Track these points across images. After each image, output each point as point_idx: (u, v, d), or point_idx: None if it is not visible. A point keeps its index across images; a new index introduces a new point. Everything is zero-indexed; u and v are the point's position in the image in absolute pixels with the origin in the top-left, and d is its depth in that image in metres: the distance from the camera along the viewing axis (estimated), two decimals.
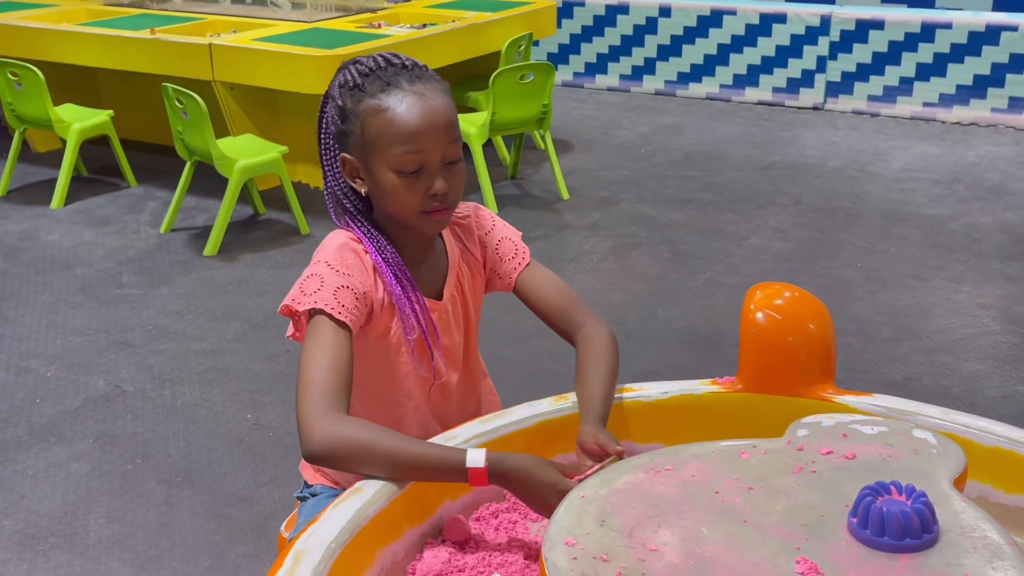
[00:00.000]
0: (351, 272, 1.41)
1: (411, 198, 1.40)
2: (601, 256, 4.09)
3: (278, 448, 2.74)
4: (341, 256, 1.43)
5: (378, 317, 1.45)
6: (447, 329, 1.52)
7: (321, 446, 1.27)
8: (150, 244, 4.25)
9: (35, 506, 2.49)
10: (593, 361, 1.48)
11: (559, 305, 1.56)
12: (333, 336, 1.36)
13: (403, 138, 1.38)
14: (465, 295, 1.55)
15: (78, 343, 3.36)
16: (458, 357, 1.55)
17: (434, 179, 1.40)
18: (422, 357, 1.50)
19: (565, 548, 1.05)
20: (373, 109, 1.39)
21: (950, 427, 1.38)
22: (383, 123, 1.38)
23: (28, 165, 5.26)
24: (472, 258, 1.57)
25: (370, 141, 1.39)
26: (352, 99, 1.40)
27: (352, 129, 1.41)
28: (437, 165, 1.40)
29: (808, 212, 4.56)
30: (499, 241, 1.58)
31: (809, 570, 1.01)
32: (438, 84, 1.42)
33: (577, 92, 7.04)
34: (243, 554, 2.31)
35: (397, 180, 1.40)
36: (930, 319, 3.49)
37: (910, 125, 6.05)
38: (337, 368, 1.33)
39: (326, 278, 1.40)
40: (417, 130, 1.38)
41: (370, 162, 1.41)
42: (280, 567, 1.13)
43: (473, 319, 1.57)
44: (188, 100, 4.00)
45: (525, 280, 1.58)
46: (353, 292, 1.40)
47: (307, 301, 1.38)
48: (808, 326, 1.50)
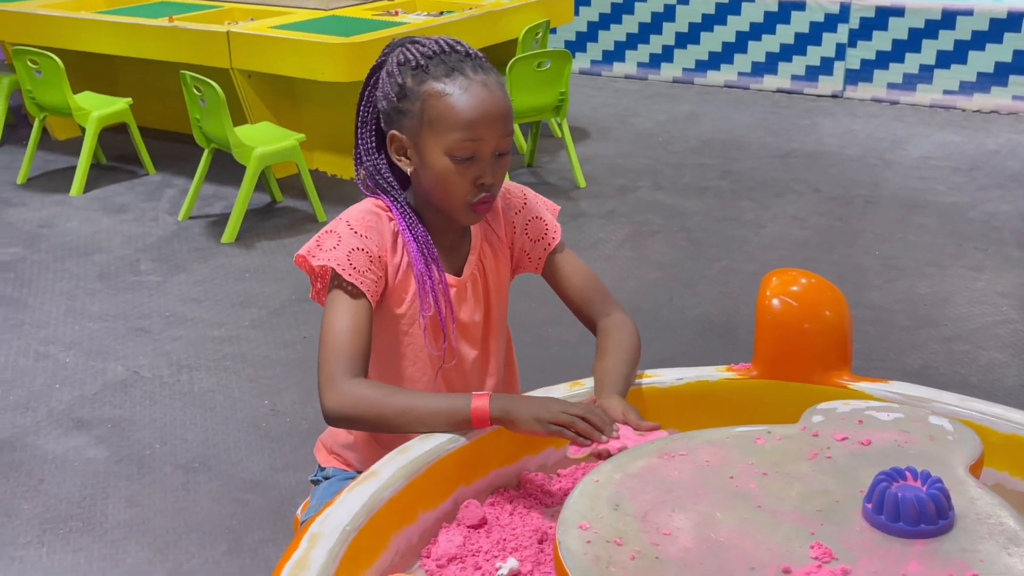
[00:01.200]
0: (368, 235, 1.44)
1: (460, 185, 1.42)
2: (617, 244, 4.08)
3: (295, 434, 2.75)
4: (363, 219, 1.45)
5: (393, 285, 1.47)
6: (465, 306, 1.53)
7: (337, 408, 1.35)
8: (168, 231, 4.27)
9: (54, 490, 2.51)
10: (615, 345, 1.50)
11: (587, 292, 1.58)
12: (353, 302, 1.41)
13: (464, 124, 1.39)
14: (486, 275, 1.56)
15: (96, 329, 3.38)
16: (476, 335, 1.56)
17: (485, 169, 1.42)
18: (435, 336, 1.51)
19: (579, 532, 1.06)
20: (436, 92, 1.40)
21: (967, 414, 1.37)
22: (445, 107, 1.39)
23: (47, 153, 5.29)
24: (496, 238, 1.57)
25: (428, 123, 1.41)
26: (414, 79, 1.41)
27: (409, 108, 1.42)
28: (489, 156, 1.42)
29: (826, 200, 4.54)
30: (529, 221, 1.59)
31: (823, 555, 1.01)
32: (498, 77, 1.45)
33: (595, 80, 7.02)
34: (260, 539, 2.32)
35: (449, 165, 1.41)
36: (948, 307, 3.47)
37: (930, 113, 6.01)
38: (356, 333, 1.39)
39: (343, 237, 1.43)
40: (478, 119, 1.39)
41: (423, 143, 1.42)
42: (295, 550, 1.14)
43: (494, 299, 1.57)
44: (206, 88, 4.01)
45: (554, 263, 1.59)
46: (367, 255, 1.43)
47: (321, 257, 1.42)
48: (824, 313, 1.49)
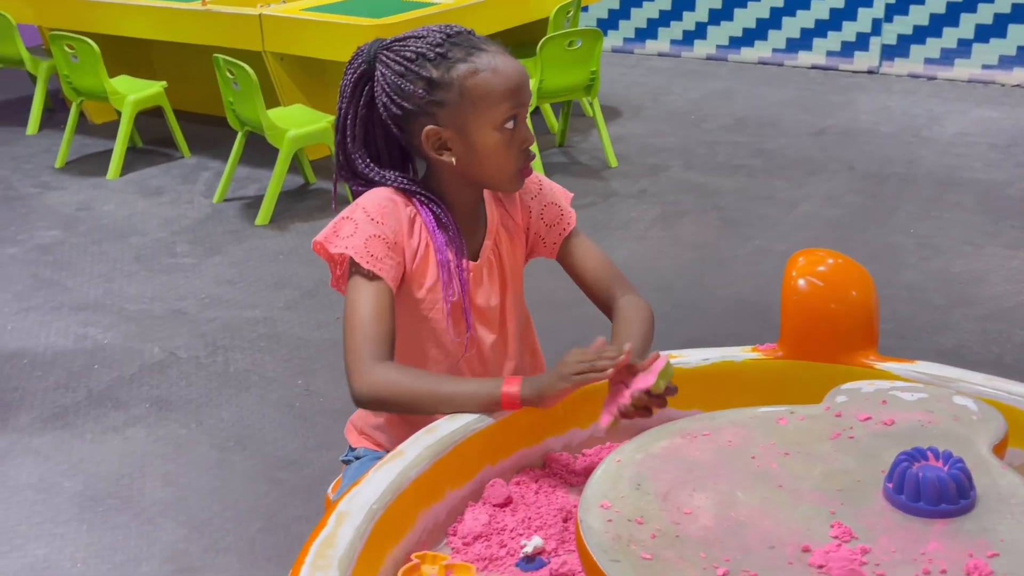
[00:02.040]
0: (384, 221, 1.45)
1: (509, 155, 1.45)
2: (648, 224, 4.08)
3: (328, 413, 2.78)
4: (379, 205, 1.46)
5: (412, 271, 1.48)
6: (481, 290, 1.54)
7: (367, 391, 1.37)
8: (203, 214, 4.32)
9: (93, 469, 2.56)
10: (628, 320, 1.53)
11: (601, 276, 1.60)
12: (374, 288, 1.42)
13: (508, 94, 1.42)
14: (502, 259, 1.57)
15: (134, 311, 3.44)
16: (494, 319, 1.57)
17: (526, 132, 1.46)
18: (456, 322, 1.52)
19: (600, 511, 1.07)
20: (470, 71, 1.41)
21: (994, 394, 1.36)
22: (486, 82, 1.41)
23: (85, 137, 5.36)
24: (512, 222, 1.58)
25: (472, 103, 1.41)
26: (439, 68, 1.41)
27: (447, 98, 1.42)
28: (524, 118, 1.46)
29: (860, 178, 4.50)
30: (544, 207, 1.60)
31: (843, 534, 1.02)
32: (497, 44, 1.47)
33: (627, 58, 6.98)
34: (293, 516, 2.36)
35: (499, 138, 1.43)
36: (983, 286, 3.44)
37: (967, 88, 5.92)
38: (380, 317, 1.40)
39: (360, 224, 1.44)
40: (516, 85, 1.43)
41: (468, 126, 1.43)
42: (323, 528, 1.16)
43: (510, 284, 1.59)
44: (238, 71, 4.05)
45: (569, 248, 1.61)
46: (384, 241, 1.44)
47: (339, 244, 1.43)
48: (850, 293, 1.49)
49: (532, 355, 1.69)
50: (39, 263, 3.85)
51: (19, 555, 2.25)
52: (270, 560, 2.22)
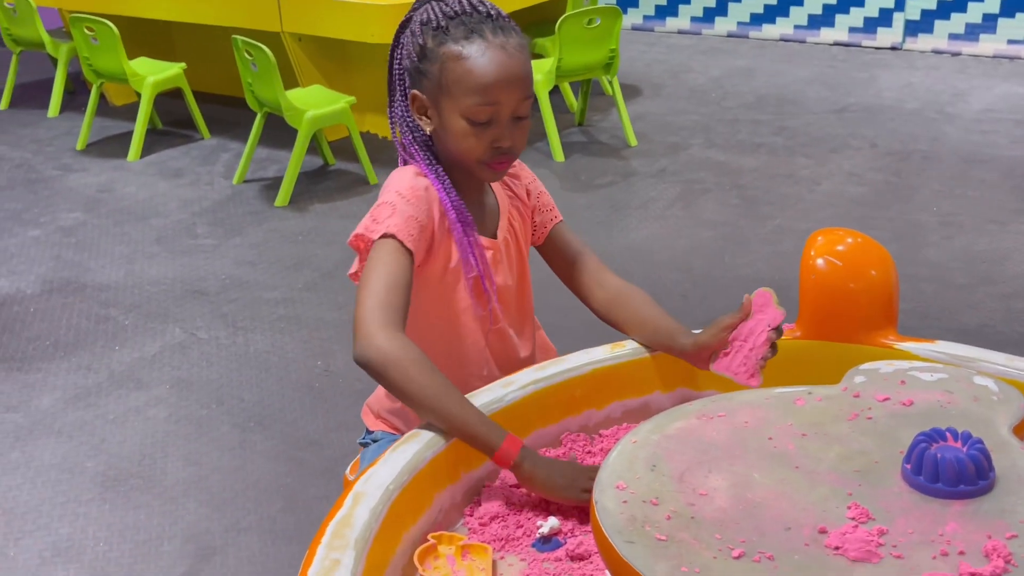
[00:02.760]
0: (419, 203, 1.44)
1: (476, 146, 1.42)
2: (668, 203, 4.06)
3: (348, 394, 2.79)
4: (412, 187, 1.45)
5: (437, 251, 1.48)
6: (500, 269, 1.54)
7: (375, 353, 1.30)
8: (223, 195, 4.34)
9: (115, 449, 2.58)
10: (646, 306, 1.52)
11: (587, 264, 1.60)
12: (395, 256, 1.39)
13: (479, 89, 1.39)
14: (518, 239, 1.57)
15: (154, 292, 3.46)
16: (511, 300, 1.57)
17: (501, 132, 1.42)
18: (479, 298, 1.52)
19: (615, 492, 1.07)
20: (454, 55, 1.39)
21: (1015, 374, 1.35)
22: (462, 71, 1.39)
23: (105, 119, 5.38)
24: (521, 203, 1.59)
25: (446, 85, 1.41)
26: (434, 40, 1.41)
27: (429, 69, 1.42)
28: (506, 119, 1.42)
29: (883, 156, 4.46)
30: (540, 192, 1.63)
31: (860, 515, 1.01)
32: (519, 39, 1.43)
33: (647, 36, 6.93)
34: (313, 496, 2.37)
35: (466, 127, 1.41)
36: (1008, 264, 3.40)
37: (993, 64, 5.84)
38: (397, 286, 1.36)
39: (398, 206, 1.43)
40: (494, 83, 1.39)
41: (441, 104, 1.43)
42: (340, 508, 1.16)
43: (526, 263, 1.59)
44: (257, 52, 4.05)
45: (557, 235, 1.61)
46: (419, 223, 1.43)
47: (381, 228, 1.41)
48: (870, 272, 1.48)
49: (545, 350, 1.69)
50: (61, 245, 3.87)
51: (43, 534, 2.28)
52: (291, 540, 2.23)
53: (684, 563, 0.95)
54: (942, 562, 0.94)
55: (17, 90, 5.82)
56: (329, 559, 1.08)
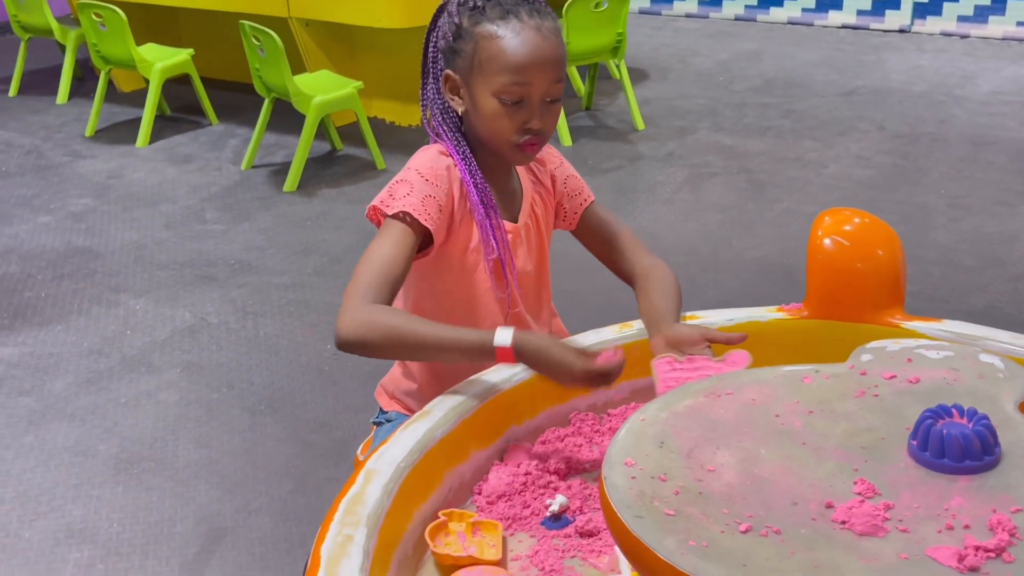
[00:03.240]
0: (438, 183, 1.45)
1: (507, 127, 1.43)
2: (676, 187, 4.06)
3: (356, 377, 2.81)
4: (432, 166, 1.47)
5: (458, 231, 1.49)
6: (519, 254, 1.55)
7: (348, 333, 1.31)
8: (231, 181, 4.35)
9: (127, 432, 2.61)
10: (658, 287, 1.51)
11: (621, 244, 1.59)
12: (399, 236, 1.40)
13: (512, 68, 1.40)
14: (539, 224, 1.58)
15: (164, 277, 3.48)
16: (530, 285, 1.58)
17: (533, 114, 1.43)
18: (499, 280, 1.53)
19: (624, 468, 1.08)
20: (489, 34, 1.41)
21: (1020, 352, 1.36)
22: (496, 50, 1.41)
23: (114, 105, 5.40)
24: (544, 189, 1.60)
25: (479, 64, 1.42)
26: (470, 19, 1.43)
27: (463, 48, 1.44)
28: (538, 101, 1.43)
29: (891, 138, 4.45)
30: (568, 177, 1.62)
31: (866, 490, 1.02)
32: (554, 22, 1.44)
33: (654, 19, 6.92)
34: (324, 477, 2.39)
35: (498, 107, 1.43)
36: (1016, 246, 3.40)
37: (1002, 46, 5.82)
38: (391, 265, 1.38)
39: (415, 185, 1.44)
40: (527, 63, 1.40)
41: (474, 83, 1.44)
42: (352, 485, 1.18)
43: (546, 250, 1.60)
44: (264, 37, 4.05)
45: (590, 216, 1.61)
46: (438, 202, 1.44)
47: (396, 205, 1.43)
48: (876, 252, 1.48)
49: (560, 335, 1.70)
50: (72, 231, 3.89)
51: (57, 516, 2.30)
52: (301, 521, 2.25)
53: (692, 537, 0.96)
54: (947, 536, 0.95)
55: (26, 77, 5.83)
56: (342, 535, 1.09)
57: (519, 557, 1.22)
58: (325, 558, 1.06)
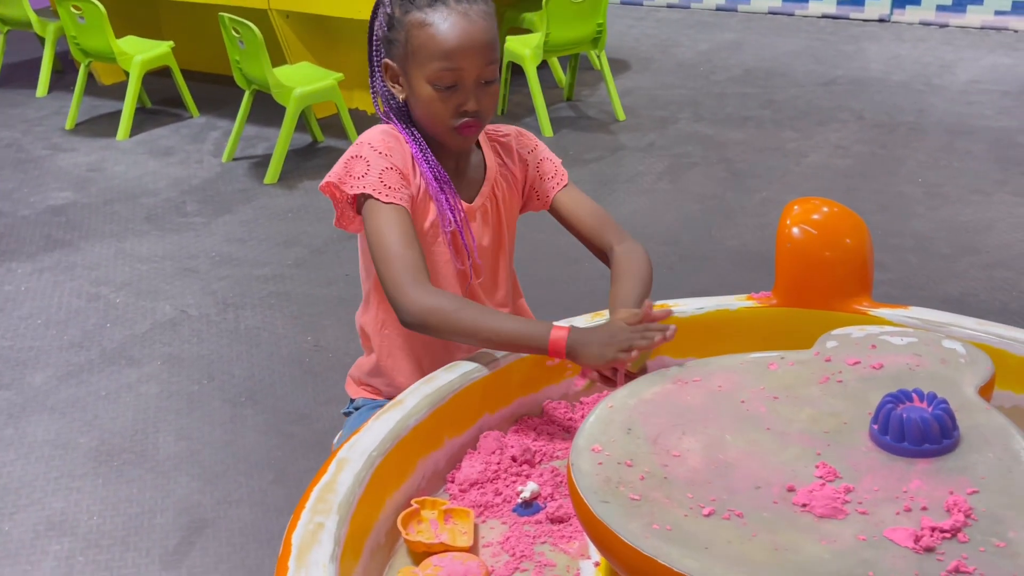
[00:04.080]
0: (392, 153, 1.48)
1: (443, 111, 1.46)
2: (656, 177, 4.08)
3: (337, 368, 2.82)
4: (383, 139, 1.49)
5: (416, 204, 1.51)
6: (475, 229, 1.57)
7: (415, 314, 1.38)
8: (212, 173, 4.35)
9: (108, 425, 2.61)
10: (627, 274, 1.52)
11: (595, 225, 1.60)
12: (394, 213, 1.44)
13: (442, 54, 1.42)
14: (499, 207, 1.60)
15: (145, 270, 3.47)
16: (487, 260, 1.60)
17: (468, 97, 1.45)
18: (459, 253, 1.55)
19: (591, 454, 1.09)
20: (418, 22, 1.43)
21: (984, 338, 1.38)
22: (425, 37, 1.43)
23: (94, 98, 5.38)
24: (510, 174, 1.61)
25: (411, 52, 1.45)
26: (400, 9, 1.46)
27: (397, 38, 1.47)
28: (472, 84, 1.45)
29: (870, 128, 4.48)
30: (540, 161, 1.64)
31: (828, 474, 1.04)
32: (484, 6, 1.46)
33: (635, 10, 6.93)
34: (304, 468, 2.40)
35: (432, 92, 1.45)
36: (991, 234, 3.43)
37: (980, 35, 5.86)
38: (408, 241, 1.42)
39: (371, 161, 1.47)
40: (456, 48, 1.42)
41: (410, 71, 1.47)
42: (324, 474, 1.19)
43: (505, 233, 1.61)
44: (244, 29, 4.04)
45: (562, 199, 1.62)
46: (396, 171, 1.47)
47: (356, 185, 1.46)
48: (844, 240, 1.50)
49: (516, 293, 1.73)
50: (51, 224, 3.88)
51: (37, 508, 2.31)
52: (281, 512, 2.26)
53: (656, 521, 0.98)
54: (905, 517, 0.97)
55: (4, 70, 5.81)
56: (313, 523, 1.11)
57: (490, 544, 1.24)
58: (296, 545, 1.07)
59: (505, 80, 4.79)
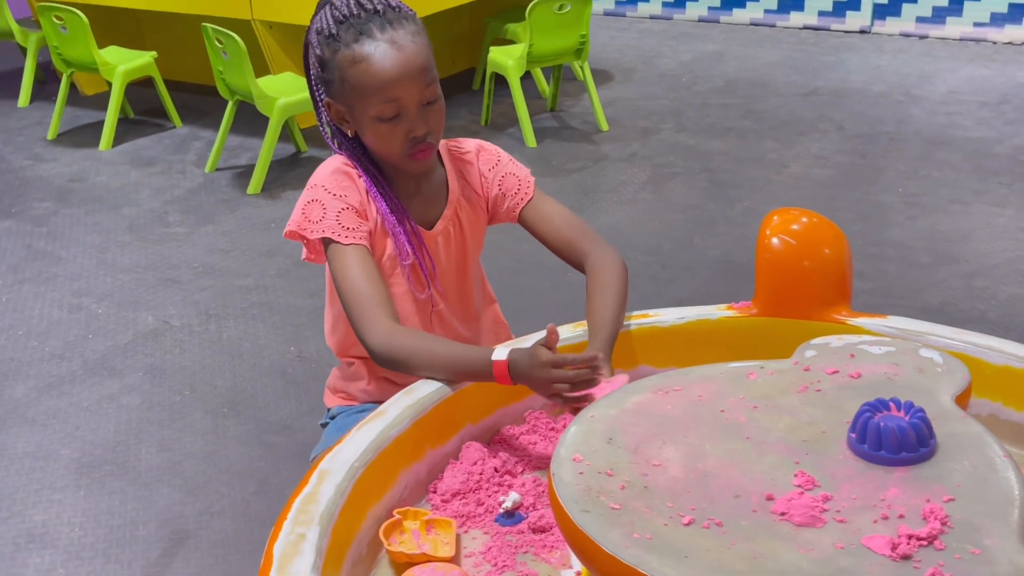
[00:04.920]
0: (346, 193, 1.48)
1: (393, 142, 1.45)
2: (639, 186, 4.09)
3: (320, 379, 2.80)
4: (335, 180, 1.49)
5: (373, 237, 1.51)
6: (439, 256, 1.57)
7: (380, 353, 1.39)
8: (195, 184, 4.34)
9: (89, 436, 2.60)
10: (601, 288, 1.51)
11: (566, 235, 1.58)
12: (355, 253, 1.45)
13: (378, 89, 1.41)
14: (462, 228, 1.60)
15: (127, 281, 3.46)
16: (450, 284, 1.61)
17: (414, 123, 1.44)
18: (418, 283, 1.55)
19: (572, 464, 1.10)
20: (348, 60, 1.41)
21: (960, 347, 1.40)
22: (359, 74, 1.41)
23: (76, 108, 5.36)
24: (473, 193, 1.61)
25: (349, 91, 1.43)
26: (329, 49, 1.43)
27: (331, 78, 1.45)
28: (415, 109, 1.44)
29: (850, 138, 4.51)
30: (503, 176, 1.61)
31: (806, 482, 1.05)
32: (411, 25, 1.43)
33: (618, 21, 6.96)
34: (287, 479, 2.40)
35: (378, 126, 1.44)
36: (970, 244, 3.46)
37: (959, 47, 5.91)
38: (371, 278, 1.43)
39: (327, 204, 1.47)
40: (393, 81, 1.40)
41: (352, 108, 1.46)
42: (305, 485, 1.19)
43: (470, 252, 1.62)
44: (227, 40, 4.04)
45: (529, 214, 1.60)
46: (353, 211, 1.48)
47: (315, 229, 1.47)
48: (823, 250, 1.51)
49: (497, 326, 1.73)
50: (33, 235, 3.87)
51: (18, 521, 2.29)
52: (263, 523, 2.26)
53: (636, 530, 0.99)
54: (883, 525, 0.98)
55: None
56: (295, 534, 1.11)
57: (472, 554, 1.24)
58: (278, 556, 1.08)
59: (488, 91, 4.80)
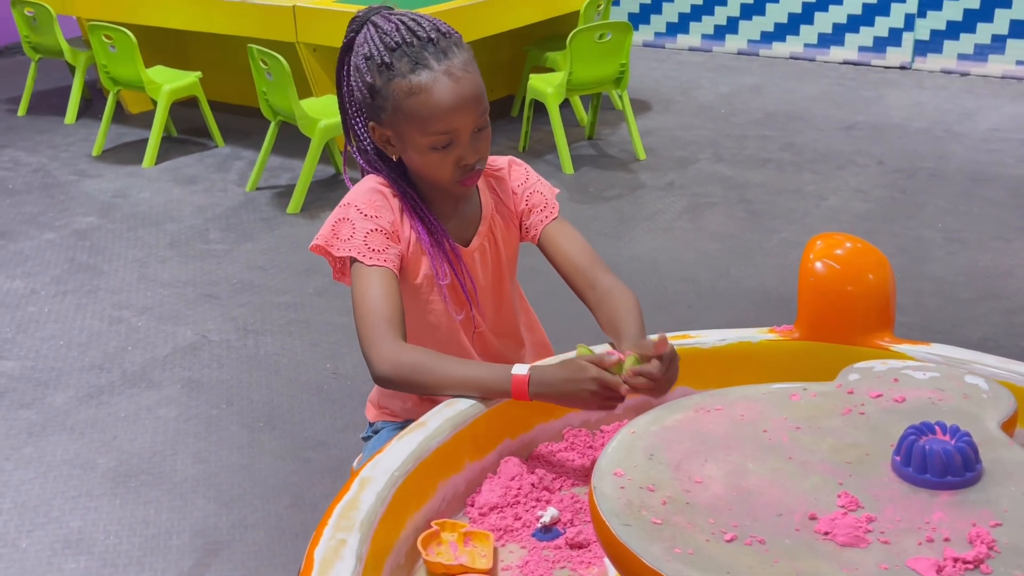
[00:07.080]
0: (379, 214, 1.48)
1: (444, 169, 1.46)
2: (675, 215, 4.09)
3: (355, 396, 2.83)
4: (369, 199, 1.49)
5: (408, 257, 1.51)
6: (475, 274, 1.57)
7: (384, 371, 1.38)
8: (236, 202, 4.39)
9: (127, 446, 2.63)
10: (623, 310, 1.49)
11: (583, 263, 1.57)
12: (377, 275, 1.44)
13: (436, 119, 1.41)
14: (497, 244, 1.60)
15: (167, 295, 3.50)
16: (488, 301, 1.61)
17: (465, 151, 1.45)
18: (457, 304, 1.56)
19: (613, 479, 1.10)
20: (405, 91, 1.41)
21: (1006, 375, 1.38)
22: (416, 105, 1.41)
23: (121, 126, 5.45)
24: (506, 209, 1.61)
25: (403, 120, 1.43)
26: (381, 77, 1.42)
27: (383, 106, 1.44)
28: (468, 138, 1.44)
29: (889, 173, 4.49)
30: (531, 193, 1.61)
31: (850, 503, 1.04)
32: (464, 54, 1.43)
33: (658, 52, 6.99)
34: (320, 494, 2.41)
35: (431, 155, 1.45)
36: (1011, 280, 3.43)
37: (1001, 84, 5.88)
38: (388, 299, 1.42)
39: (357, 224, 1.47)
40: (450, 112, 1.41)
41: (403, 136, 1.45)
42: (347, 492, 1.20)
43: (506, 268, 1.62)
44: (272, 61, 4.10)
45: (551, 233, 1.59)
46: (382, 232, 1.47)
47: (342, 248, 1.46)
48: (867, 276, 1.51)
49: (541, 347, 1.73)
50: (76, 248, 3.93)
51: (55, 527, 2.32)
52: (297, 536, 2.26)
53: (678, 545, 0.99)
54: (927, 548, 0.97)
55: (35, 97, 5.89)
56: (336, 539, 1.12)
57: (509, 567, 1.24)
58: (319, 561, 1.08)
59: (527, 118, 4.83)
